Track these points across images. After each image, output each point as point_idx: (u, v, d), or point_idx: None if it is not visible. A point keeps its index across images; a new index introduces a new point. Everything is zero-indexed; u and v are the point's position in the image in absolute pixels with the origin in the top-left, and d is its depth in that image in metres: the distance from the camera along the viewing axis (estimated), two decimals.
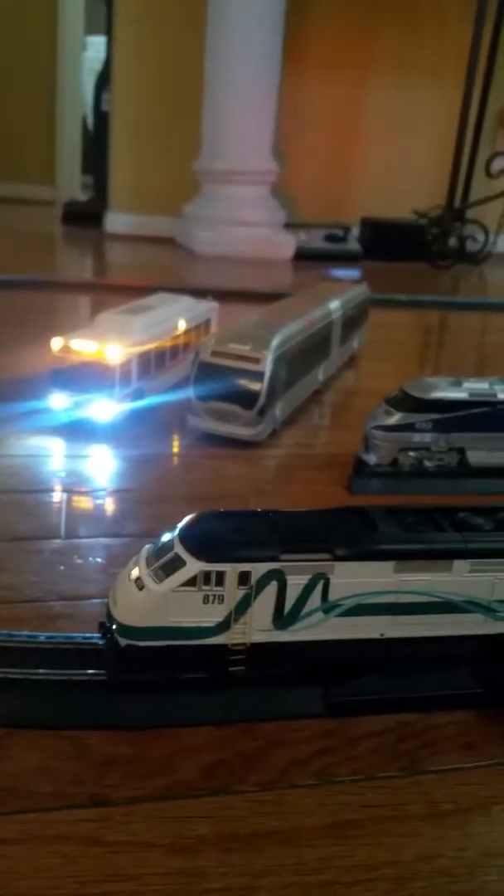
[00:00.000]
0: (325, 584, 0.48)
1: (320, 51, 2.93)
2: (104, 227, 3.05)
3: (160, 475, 0.91)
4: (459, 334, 1.97)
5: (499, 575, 0.50)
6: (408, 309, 2.09)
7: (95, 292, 1.96)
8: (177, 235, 2.89)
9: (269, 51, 2.58)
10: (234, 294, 1.84)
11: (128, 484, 0.88)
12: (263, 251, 2.69)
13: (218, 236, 2.65)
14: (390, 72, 3.01)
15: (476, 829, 0.43)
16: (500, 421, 0.84)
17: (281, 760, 0.46)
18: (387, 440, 0.85)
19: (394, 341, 1.71)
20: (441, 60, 2.96)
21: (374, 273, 2.71)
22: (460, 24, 2.73)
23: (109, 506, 0.82)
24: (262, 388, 0.92)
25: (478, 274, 2.82)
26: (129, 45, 2.81)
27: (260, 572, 0.47)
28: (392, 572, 0.49)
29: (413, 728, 0.50)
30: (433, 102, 3.02)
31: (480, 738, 0.49)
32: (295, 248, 2.74)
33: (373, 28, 2.94)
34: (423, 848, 0.41)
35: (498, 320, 2.10)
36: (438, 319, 2.05)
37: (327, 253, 2.75)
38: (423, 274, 2.69)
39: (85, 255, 2.83)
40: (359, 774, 0.46)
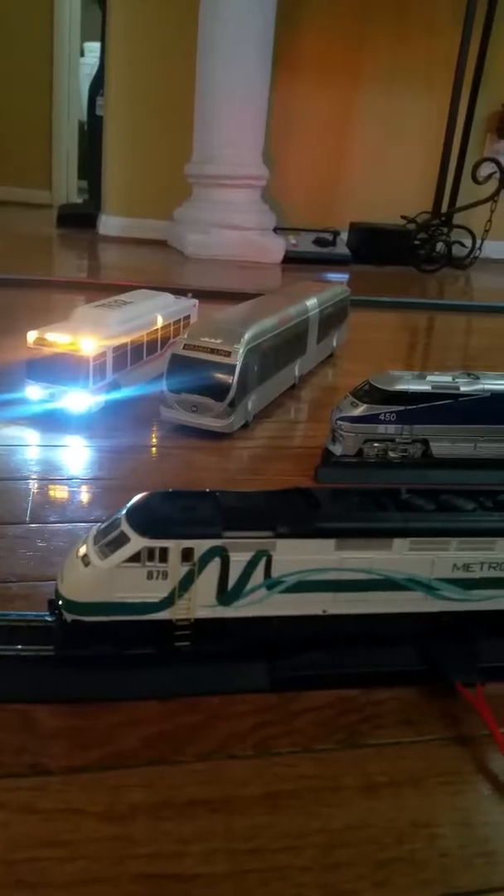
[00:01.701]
0: (267, 560, 0.49)
1: (311, 58, 2.96)
2: (97, 229, 3.07)
3: (132, 465, 0.92)
4: (440, 335, 1.99)
5: (439, 553, 0.51)
6: (391, 310, 2.11)
7: (86, 291, 1.98)
8: (168, 238, 2.91)
9: (259, 57, 2.60)
10: (221, 294, 1.87)
11: (99, 473, 0.89)
12: (253, 254, 2.71)
13: (208, 239, 2.68)
14: (380, 79, 3.04)
15: (407, 801, 0.43)
16: (463, 413, 0.85)
17: (221, 733, 0.47)
18: (352, 431, 0.86)
19: (374, 341, 1.73)
20: (430, 68, 3.00)
21: (361, 276, 2.74)
22: (449, 32, 2.77)
23: (78, 494, 0.83)
24: (232, 380, 0.94)
25: (464, 278, 2.84)
26: (122, 51, 2.84)
27: (203, 549, 0.47)
28: (333, 550, 0.50)
29: (354, 703, 0.51)
30: (422, 109, 3.05)
31: (420, 714, 0.50)
32: (284, 252, 2.76)
33: (362, 35, 2.97)
34: (354, 818, 0.42)
35: (480, 322, 2.11)
36: (421, 321, 2.07)
37: (316, 256, 2.77)
38: (409, 278, 2.72)
39: (77, 256, 2.85)
40: (297, 747, 0.47)
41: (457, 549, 0.51)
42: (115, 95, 2.91)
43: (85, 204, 3.46)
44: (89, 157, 3.40)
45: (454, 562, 0.51)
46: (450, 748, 0.48)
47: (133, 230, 2.99)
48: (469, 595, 0.52)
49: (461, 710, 0.50)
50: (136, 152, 2.95)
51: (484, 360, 1.73)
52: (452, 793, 0.44)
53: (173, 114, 2.83)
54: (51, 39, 3.92)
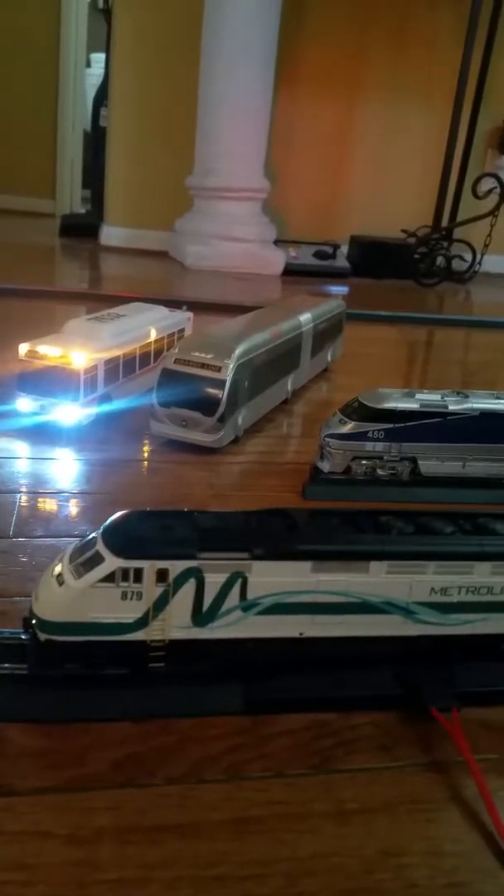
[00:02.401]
0: (242, 582, 0.49)
1: (312, 71, 2.99)
2: (99, 239, 3.09)
3: (121, 479, 0.92)
4: (438, 350, 1.99)
5: (416, 577, 0.51)
6: (389, 325, 2.12)
7: (86, 301, 1.99)
8: (170, 249, 2.92)
9: (262, 71, 2.63)
10: (220, 306, 1.88)
11: (87, 487, 0.89)
12: (254, 266, 2.72)
13: (209, 251, 2.69)
14: (381, 93, 3.07)
15: (378, 829, 0.43)
16: (451, 432, 0.85)
17: (193, 756, 0.47)
18: (340, 448, 0.86)
19: (370, 355, 1.73)
20: (431, 82, 3.02)
21: (361, 290, 2.75)
22: (450, 46, 2.79)
23: (65, 507, 0.83)
24: (222, 395, 0.94)
25: (464, 292, 2.85)
26: (126, 62, 2.87)
27: (178, 570, 0.47)
28: (309, 572, 0.49)
29: (329, 727, 0.50)
30: (423, 123, 3.07)
31: (395, 739, 0.50)
32: (285, 264, 2.77)
33: (364, 49, 3.00)
34: (323, 845, 0.42)
35: (479, 337, 2.12)
36: (419, 335, 2.07)
37: (316, 269, 2.79)
38: (409, 291, 2.72)
39: (78, 267, 2.86)
40: (269, 771, 0.46)
41: (434, 572, 0.51)
42: (118, 106, 2.94)
43: (87, 214, 3.48)
44: (92, 168, 3.43)
45: (432, 585, 0.51)
46: (424, 774, 0.47)
47: (135, 241, 3.01)
48: (447, 619, 0.52)
49: (437, 735, 0.50)
50: (139, 163, 2.97)
51: (483, 376, 1.74)
52: (424, 821, 0.44)
53: (176, 125, 2.85)
54: (57, 49, 3.96)
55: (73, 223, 3.30)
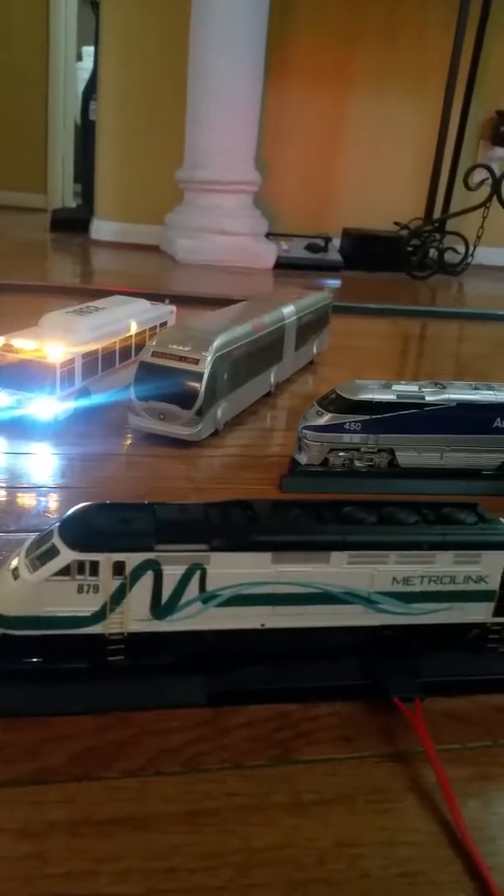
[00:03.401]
0: (201, 574, 0.48)
1: (303, 63, 2.97)
2: (90, 234, 3.08)
3: (99, 473, 0.91)
4: (428, 342, 1.98)
5: (378, 567, 0.50)
6: (380, 317, 2.11)
7: (76, 296, 1.98)
8: (161, 243, 2.91)
9: (251, 63, 2.61)
10: (210, 300, 1.87)
11: (62, 481, 0.88)
12: (245, 260, 2.71)
13: (200, 244, 2.68)
14: (372, 84, 3.05)
15: (334, 820, 0.43)
16: (428, 423, 0.84)
17: (151, 749, 0.47)
18: (317, 440, 0.85)
19: (358, 348, 1.72)
20: (422, 74, 3.00)
21: (353, 282, 2.74)
22: (442, 37, 2.77)
23: (39, 502, 0.83)
24: (200, 388, 0.93)
25: (456, 284, 2.84)
26: (114, 56, 2.85)
27: (135, 562, 0.47)
28: (269, 563, 0.49)
29: (291, 718, 0.50)
30: (415, 115, 3.05)
31: (357, 730, 0.50)
32: (276, 258, 2.76)
33: (355, 42, 2.98)
34: (276, 837, 0.41)
35: (470, 329, 2.11)
36: (409, 328, 2.07)
37: (308, 262, 2.78)
38: (401, 284, 2.71)
39: (69, 261, 2.85)
40: (227, 763, 0.46)
41: (396, 562, 0.50)
42: (107, 100, 2.92)
43: (78, 208, 3.47)
44: (82, 162, 3.41)
45: (394, 575, 0.51)
46: (383, 765, 0.47)
47: (125, 235, 3.00)
48: (410, 609, 0.52)
49: (400, 725, 0.50)
50: (129, 157, 2.96)
51: (474, 368, 1.73)
52: (381, 811, 0.44)
53: (166, 118, 2.84)
54: (46, 43, 3.94)
55: (64, 218, 3.29)
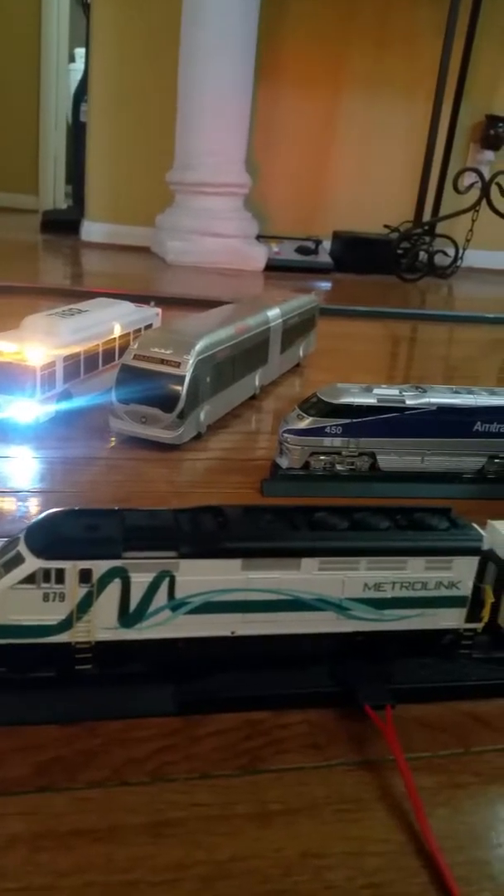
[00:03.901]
0: (170, 581, 0.48)
1: (294, 66, 2.97)
2: (80, 235, 3.07)
3: (80, 477, 0.91)
4: (416, 345, 1.98)
5: (349, 573, 0.50)
6: (369, 320, 2.11)
7: (66, 298, 1.97)
8: (151, 245, 2.91)
9: (242, 65, 2.61)
10: (199, 302, 1.86)
11: (41, 485, 0.88)
12: (235, 262, 2.70)
13: (190, 246, 2.67)
14: (363, 88, 3.05)
15: (301, 830, 0.42)
16: (409, 426, 0.84)
17: (118, 759, 0.46)
18: (298, 444, 0.85)
19: (346, 351, 1.72)
20: (413, 77, 3.01)
21: (343, 285, 2.74)
22: (432, 41, 2.78)
23: (18, 507, 0.82)
24: (182, 391, 0.93)
25: (446, 287, 2.84)
26: (105, 57, 2.85)
27: (102, 570, 0.46)
28: (239, 570, 0.49)
29: (261, 727, 0.49)
30: (405, 119, 3.06)
31: (328, 737, 0.49)
32: (267, 260, 2.76)
33: (346, 44, 2.98)
34: (241, 848, 0.41)
35: (460, 332, 2.11)
36: (398, 330, 2.07)
37: (299, 265, 2.78)
38: (391, 287, 2.72)
39: (59, 263, 2.84)
40: (194, 773, 0.45)
41: (367, 568, 0.50)
42: (97, 101, 2.91)
43: (69, 210, 3.46)
44: (74, 163, 3.41)
45: (365, 581, 0.50)
46: (353, 774, 0.47)
47: (116, 236, 2.99)
48: (381, 615, 0.51)
49: (371, 733, 0.49)
50: (120, 158, 2.95)
51: (462, 371, 1.73)
52: (349, 821, 0.43)
53: (157, 120, 2.83)
54: (38, 44, 3.93)
55: (55, 219, 3.28)
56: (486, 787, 0.46)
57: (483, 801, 0.45)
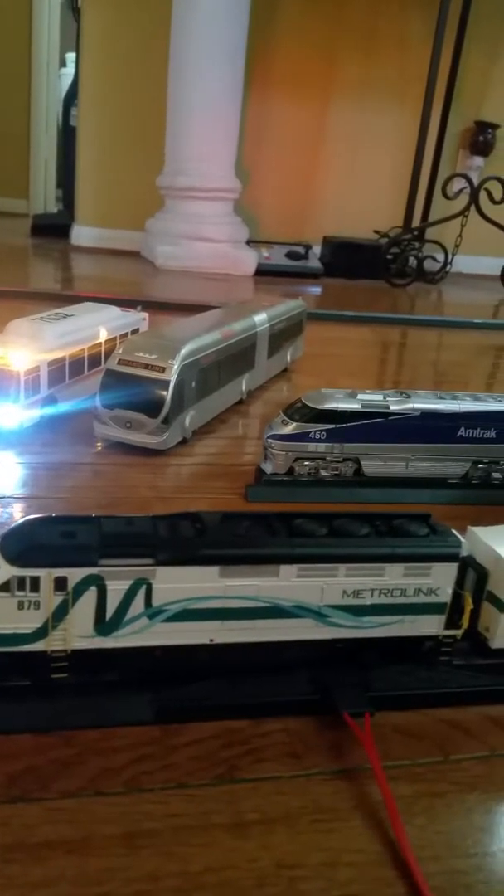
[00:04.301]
0: (147, 589, 0.47)
1: (283, 71, 2.98)
2: (70, 239, 3.07)
3: (63, 482, 0.90)
4: (406, 351, 1.99)
5: (327, 580, 0.50)
6: (358, 325, 2.11)
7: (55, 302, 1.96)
8: (141, 249, 2.91)
9: (231, 70, 2.62)
10: (189, 307, 1.86)
11: (26, 491, 0.87)
12: (225, 266, 2.71)
13: (180, 251, 2.67)
14: (352, 94, 3.07)
15: (276, 840, 0.42)
16: (393, 432, 0.84)
17: (93, 768, 0.45)
18: (282, 449, 0.85)
19: (334, 356, 1.72)
20: (402, 83, 3.03)
21: (333, 290, 2.75)
22: (422, 47, 2.80)
23: (2, 513, 0.81)
24: (167, 396, 0.92)
25: (435, 292, 2.86)
26: (95, 61, 2.85)
27: (77, 577, 0.46)
28: (217, 577, 0.48)
29: (240, 735, 0.49)
30: (395, 125, 3.08)
31: (306, 746, 0.49)
32: (257, 265, 2.76)
33: (335, 50, 3.00)
34: (216, 858, 0.40)
35: (448, 337, 2.12)
36: (387, 335, 2.07)
37: (288, 270, 2.78)
38: (381, 292, 2.73)
39: (48, 267, 2.83)
40: (170, 783, 0.45)
41: (346, 575, 0.50)
42: (88, 106, 2.91)
43: (59, 214, 3.46)
44: (64, 167, 3.40)
45: (344, 588, 0.50)
46: (330, 783, 0.46)
47: (106, 241, 2.99)
48: (361, 622, 0.51)
49: (350, 741, 0.49)
50: (109, 163, 2.95)
51: (451, 376, 1.73)
52: (325, 831, 0.43)
53: (147, 124, 2.84)
54: (29, 49, 3.93)
55: (45, 223, 3.27)
56: (463, 796, 0.46)
57: (460, 810, 0.45)
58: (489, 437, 0.88)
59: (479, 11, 2.98)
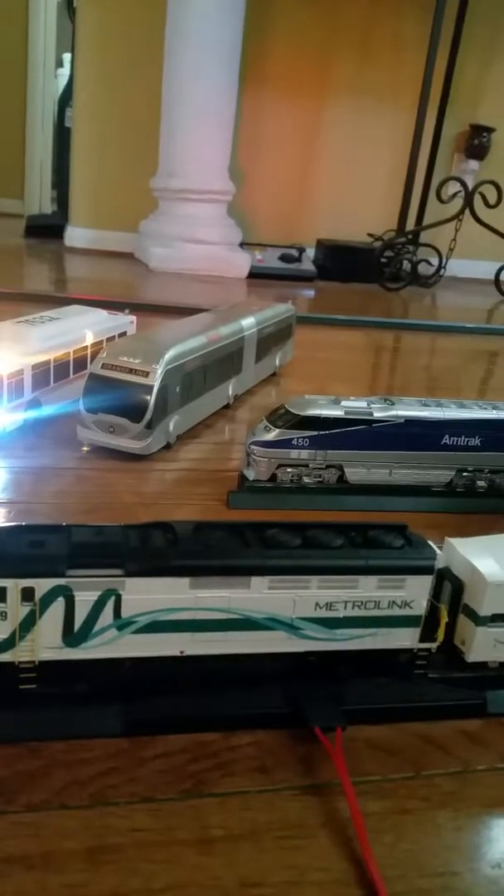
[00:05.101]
0: (116, 600, 0.47)
1: (278, 73, 2.98)
2: (64, 240, 3.06)
3: (45, 487, 0.90)
4: (398, 355, 1.99)
5: (300, 592, 0.49)
6: (350, 329, 2.11)
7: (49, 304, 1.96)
8: (135, 251, 2.90)
9: (226, 72, 2.62)
10: (181, 309, 1.86)
11: (8, 496, 0.86)
12: (218, 269, 2.70)
13: (173, 253, 2.67)
14: (348, 96, 3.07)
15: (241, 857, 0.41)
16: (377, 439, 0.84)
17: (59, 781, 0.45)
18: (265, 456, 0.84)
19: (325, 360, 1.72)
20: (397, 86, 3.03)
21: (327, 293, 2.75)
22: (417, 50, 2.80)
23: None
24: (150, 401, 0.92)
25: (429, 296, 2.86)
26: (90, 62, 2.84)
27: (44, 588, 0.45)
28: (188, 588, 0.48)
29: (209, 749, 0.49)
30: (390, 128, 3.08)
31: (276, 760, 0.48)
32: (250, 267, 2.76)
33: (330, 53, 3.00)
34: (179, 876, 0.40)
35: (441, 341, 2.12)
36: (379, 339, 2.07)
37: (282, 272, 2.78)
38: (375, 295, 2.73)
39: (41, 269, 2.82)
40: (136, 797, 0.44)
41: (318, 587, 0.49)
42: (82, 107, 2.91)
43: (53, 215, 3.45)
44: (58, 168, 3.40)
45: (316, 600, 0.50)
46: (299, 798, 0.46)
47: (100, 242, 2.98)
48: (334, 634, 0.51)
49: (320, 756, 0.49)
50: (104, 164, 2.94)
51: (444, 381, 1.73)
52: (290, 847, 0.42)
53: (141, 126, 2.83)
54: (25, 49, 3.92)
55: (39, 224, 3.27)
56: (433, 813, 0.46)
57: (430, 827, 0.45)
58: (474, 444, 0.87)
59: (474, 14, 2.99)
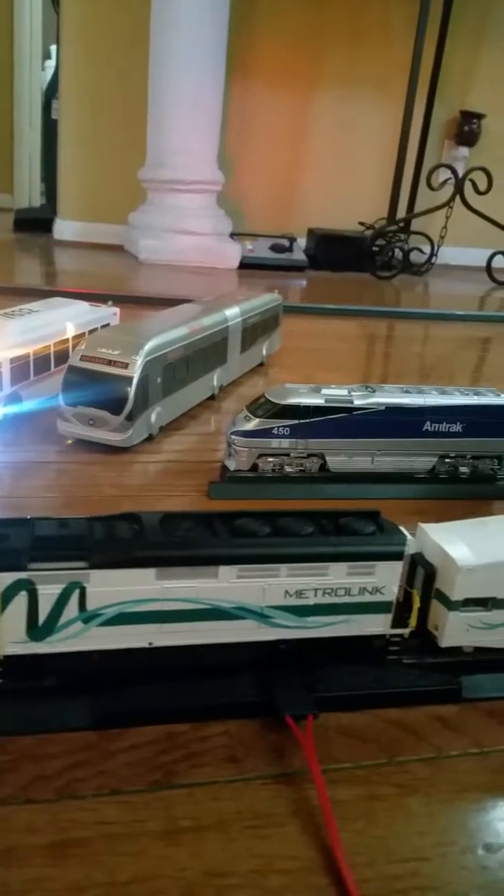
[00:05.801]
0: (81, 592, 0.46)
1: (266, 63, 2.95)
2: (53, 233, 3.04)
3: (25, 482, 0.89)
4: (387, 343, 1.98)
5: (269, 580, 0.49)
6: (341, 318, 2.10)
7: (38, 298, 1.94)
8: (124, 243, 2.88)
9: (212, 62, 2.59)
10: (171, 301, 1.84)
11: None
12: (209, 260, 2.69)
13: (163, 244, 2.65)
14: (336, 84, 3.04)
15: (208, 848, 0.41)
16: (358, 427, 0.83)
17: (26, 775, 0.44)
18: (245, 445, 0.84)
19: (314, 349, 1.71)
20: (386, 74, 3.00)
21: (318, 283, 2.74)
22: (406, 38, 2.77)
23: None
24: (130, 393, 0.91)
25: (422, 284, 2.84)
26: (75, 53, 2.81)
27: (6, 582, 0.45)
28: (154, 579, 0.47)
29: (179, 739, 0.48)
30: (379, 116, 3.05)
31: (247, 750, 0.48)
32: (241, 258, 2.74)
33: (318, 41, 2.97)
34: (144, 867, 0.40)
35: (433, 329, 2.11)
36: (370, 328, 2.06)
37: (273, 262, 2.76)
38: (366, 284, 2.71)
39: (30, 262, 2.81)
40: (104, 790, 0.44)
41: (287, 575, 0.49)
42: (68, 98, 2.88)
43: (42, 208, 3.43)
44: (45, 161, 3.37)
45: (286, 588, 0.49)
46: (269, 787, 0.45)
47: (89, 235, 2.96)
48: (305, 622, 0.50)
49: (291, 744, 0.48)
50: (91, 156, 2.92)
51: (437, 369, 1.72)
52: (258, 837, 0.42)
53: (128, 117, 2.81)
54: (11, 41, 3.88)
55: (28, 218, 3.25)
56: (404, 800, 0.45)
57: (400, 814, 0.44)
58: (455, 430, 0.87)
59: (462, 0, 2.96)
